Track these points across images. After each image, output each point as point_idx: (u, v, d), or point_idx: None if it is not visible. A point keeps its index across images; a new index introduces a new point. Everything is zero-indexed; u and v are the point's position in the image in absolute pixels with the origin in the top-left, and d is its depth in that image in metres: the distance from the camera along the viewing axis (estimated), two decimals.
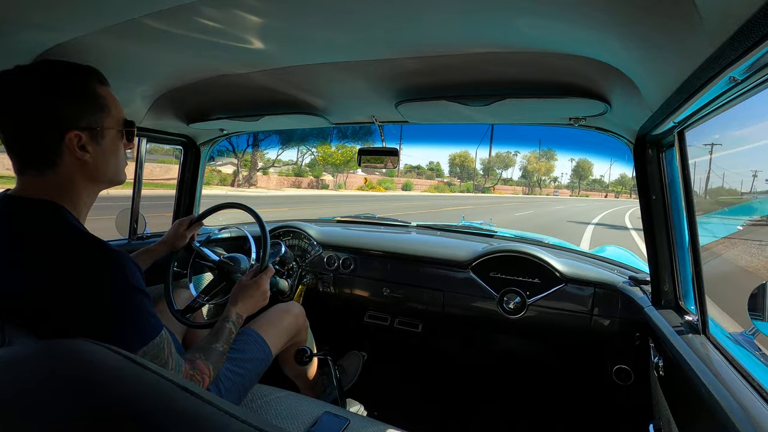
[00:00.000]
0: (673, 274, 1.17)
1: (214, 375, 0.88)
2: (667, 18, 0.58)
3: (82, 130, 0.72)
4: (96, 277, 0.67)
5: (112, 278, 0.68)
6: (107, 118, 0.76)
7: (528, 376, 1.97)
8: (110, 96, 0.77)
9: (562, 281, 1.57)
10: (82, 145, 0.72)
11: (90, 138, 0.73)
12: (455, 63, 0.94)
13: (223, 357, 0.94)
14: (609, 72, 0.85)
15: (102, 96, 0.75)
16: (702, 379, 0.78)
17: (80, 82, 0.73)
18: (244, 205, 1.41)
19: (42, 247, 0.66)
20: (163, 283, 1.36)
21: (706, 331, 0.96)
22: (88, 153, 0.73)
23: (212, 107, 1.41)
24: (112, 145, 0.78)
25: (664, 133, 1.00)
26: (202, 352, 0.89)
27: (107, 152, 0.77)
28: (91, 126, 0.73)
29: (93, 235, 0.70)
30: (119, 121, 0.79)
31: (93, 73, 0.75)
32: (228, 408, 0.35)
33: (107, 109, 0.76)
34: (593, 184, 78.62)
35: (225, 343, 0.95)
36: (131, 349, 0.68)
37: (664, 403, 1.04)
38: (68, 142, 0.70)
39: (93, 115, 0.73)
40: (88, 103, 0.73)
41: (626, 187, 79.34)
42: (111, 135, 0.77)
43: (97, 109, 0.74)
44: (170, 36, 0.83)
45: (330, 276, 2.00)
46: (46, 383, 0.34)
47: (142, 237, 1.70)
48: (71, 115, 0.71)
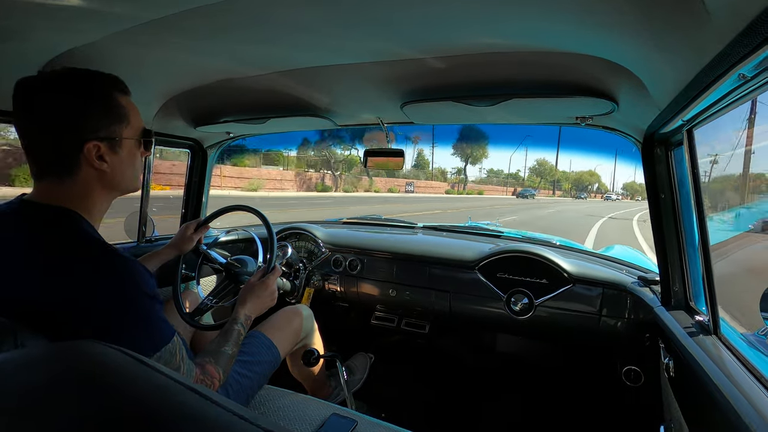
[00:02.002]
0: (683, 273, 1.15)
1: (223, 378, 0.88)
2: (674, 15, 0.57)
3: (101, 141, 0.71)
4: (109, 284, 0.67)
5: (125, 286, 0.68)
6: (126, 128, 0.76)
7: (535, 377, 1.96)
8: (131, 105, 0.77)
9: (570, 282, 1.56)
10: (101, 155, 0.72)
11: (108, 148, 0.73)
12: (461, 63, 0.94)
13: (232, 359, 0.94)
14: (616, 70, 0.84)
15: (123, 106, 0.75)
16: (714, 380, 0.77)
17: (103, 92, 0.72)
18: (251, 207, 1.42)
19: (57, 254, 0.66)
20: (172, 286, 1.37)
21: (718, 332, 0.95)
22: (106, 163, 0.73)
23: (219, 110, 1.42)
24: (130, 154, 0.78)
25: (673, 131, 1.00)
26: (212, 356, 0.90)
27: (125, 162, 0.77)
28: (111, 136, 0.73)
29: (107, 242, 0.71)
30: (138, 131, 0.79)
31: (116, 83, 0.75)
32: (236, 409, 0.35)
33: (127, 120, 0.76)
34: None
35: (234, 345, 0.96)
36: (144, 356, 0.69)
37: (675, 405, 1.02)
38: (87, 153, 0.70)
39: (113, 126, 0.73)
40: (110, 113, 0.73)
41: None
42: (129, 144, 0.77)
43: (117, 119, 0.74)
44: (178, 40, 0.84)
45: (337, 277, 2.00)
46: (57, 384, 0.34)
47: (150, 240, 1.72)
48: (92, 126, 0.71)
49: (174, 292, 1.35)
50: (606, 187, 67.01)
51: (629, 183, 76.08)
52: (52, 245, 0.67)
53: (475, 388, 1.92)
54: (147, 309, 0.70)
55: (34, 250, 0.66)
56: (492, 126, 1.53)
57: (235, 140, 1.84)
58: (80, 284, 0.65)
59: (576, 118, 1.19)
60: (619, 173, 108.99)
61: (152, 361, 0.39)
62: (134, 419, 0.32)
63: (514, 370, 2.00)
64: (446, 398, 1.88)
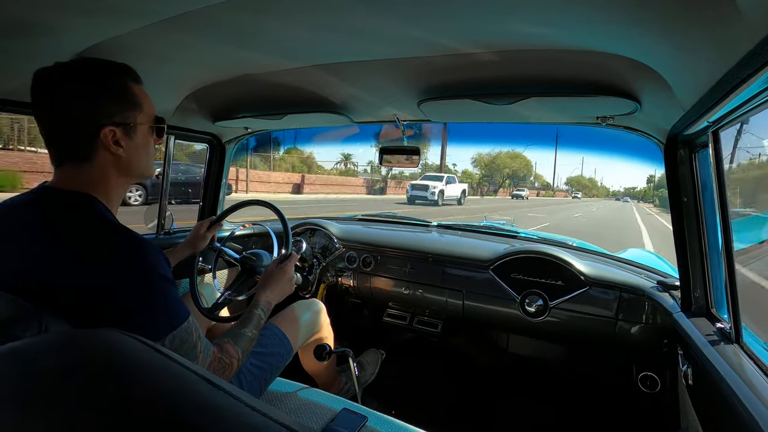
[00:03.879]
0: (704, 279, 1.12)
1: (242, 359, 0.90)
2: (702, 13, 0.56)
3: (117, 126, 0.75)
4: (127, 265, 0.69)
5: (142, 267, 0.70)
6: (140, 114, 0.79)
7: (549, 380, 1.93)
8: (143, 93, 0.80)
9: (585, 284, 1.53)
10: (117, 140, 0.75)
11: (123, 133, 0.76)
12: (479, 61, 0.93)
13: (252, 342, 0.95)
14: (639, 69, 0.82)
15: (136, 94, 0.78)
16: (734, 390, 0.74)
17: (117, 80, 0.76)
18: (263, 201, 1.45)
19: (77, 237, 0.69)
20: (189, 279, 1.40)
21: (740, 340, 0.92)
22: (121, 148, 0.76)
23: (237, 106, 1.44)
24: (144, 140, 0.81)
25: (698, 132, 0.97)
26: (231, 337, 0.91)
27: (139, 147, 0.80)
28: (125, 122, 0.76)
29: (123, 224, 0.73)
30: (151, 118, 0.82)
31: (128, 71, 0.78)
32: (248, 400, 0.36)
33: (140, 106, 0.79)
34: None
35: (254, 328, 0.97)
36: (161, 333, 0.70)
37: (693, 413, 1.00)
38: (103, 138, 0.74)
39: (127, 112, 0.76)
40: (124, 100, 0.76)
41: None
42: (143, 131, 0.80)
43: (131, 105, 0.77)
44: (199, 36, 0.85)
45: (350, 273, 2.01)
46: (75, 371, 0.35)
47: (169, 232, 1.75)
48: (107, 112, 0.74)
49: (191, 286, 1.38)
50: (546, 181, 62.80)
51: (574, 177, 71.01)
52: (72, 228, 0.69)
53: (487, 389, 1.91)
54: (164, 289, 0.72)
55: (55, 234, 0.69)
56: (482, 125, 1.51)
57: (252, 135, 1.86)
58: (99, 266, 0.67)
59: (597, 118, 1.17)
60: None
61: (168, 350, 0.40)
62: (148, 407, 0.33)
63: (526, 371, 1.98)
64: (457, 397, 1.88)
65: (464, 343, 2.09)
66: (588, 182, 75.63)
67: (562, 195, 57.04)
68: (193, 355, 0.75)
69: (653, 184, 61.35)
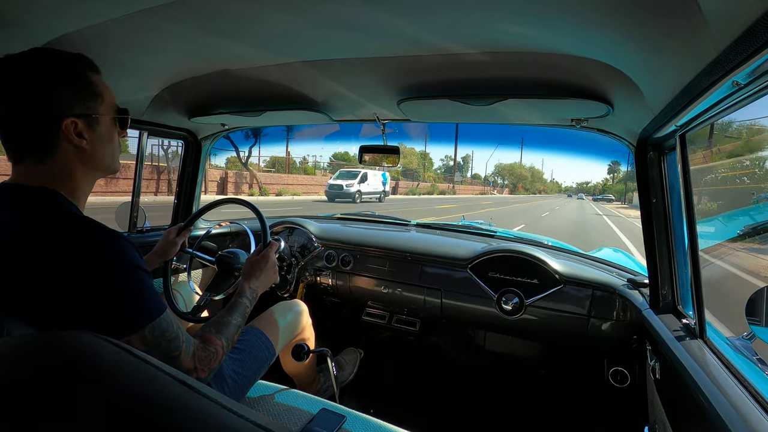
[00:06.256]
0: (671, 277, 1.17)
1: (227, 347, 0.86)
2: (671, 21, 0.58)
3: (78, 117, 0.72)
4: (98, 259, 0.67)
5: (114, 259, 0.68)
6: (101, 105, 0.76)
7: (525, 376, 1.97)
8: (102, 84, 0.78)
9: (560, 282, 1.57)
10: (79, 131, 0.73)
11: (86, 124, 0.74)
12: (458, 62, 0.94)
13: (238, 330, 0.92)
14: (612, 74, 0.85)
15: (96, 83, 0.76)
16: (698, 383, 0.78)
17: (74, 69, 0.73)
18: (238, 199, 1.43)
19: (42, 233, 0.66)
20: (163, 284, 1.36)
21: (704, 335, 0.96)
22: (84, 140, 0.74)
23: (214, 102, 1.41)
24: (108, 132, 0.79)
25: (666, 136, 1.00)
26: (214, 327, 0.88)
27: (103, 139, 0.78)
28: (87, 113, 0.74)
29: (89, 217, 0.71)
30: (113, 108, 0.80)
31: (85, 61, 0.75)
32: (225, 402, 0.35)
33: (101, 97, 0.76)
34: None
35: (240, 316, 0.94)
36: (139, 325, 0.68)
37: (660, 406, 1.04)
38: (65, 129, 0.71)
39: (88, 102, 0.74)
40: (83, 90, 0.74)
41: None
42: (106, 122, 0.78)
43: (91, 96, 0.74)
44: (173, 29, 0.83)
45: (329, 272, 2.00)
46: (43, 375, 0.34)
47: (142, 230, 1.70)
48: (67, 103, 0.71)
49: (165, 290, 1.34)
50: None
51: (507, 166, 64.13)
52: (37, 225, 0.66)
53: (464, 386, 1.94)
54: (138, 280, 0.70)
55: (18, 232, 0.66)
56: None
57: (230, 132, 1.83)
58: (69, 262, 0.65)
59: (571, 120, 1.20)
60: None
61: (141, 352, 0.38)
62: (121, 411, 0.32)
63: (503, 368, 2.02)
64: (435, 395, 1.90)
65: (442, 341, 2.11)
66: (527, 173, 67.18)
67: (476, 191, 49.54)
68: (177, 345, 0.73)
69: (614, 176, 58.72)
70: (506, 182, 65.61)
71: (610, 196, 55.52)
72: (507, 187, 64.69)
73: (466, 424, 1.73)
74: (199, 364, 0.77)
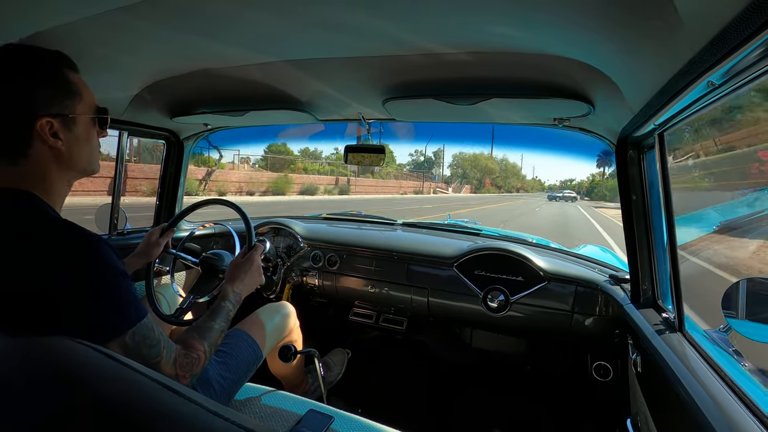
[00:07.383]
0: (651, 273, 1.20)
1: (210, 352, 0.85)
2: (649, 22, 0.59)
3: (54, 117, 0.69)
4: (78, 263, 0.65)
5: (94, 263, 0.66)
6: (79, 104, 0.74)
7: (510, 372, 2.00)
8: (81, 82, 0.75)
9: (544, 279, 1.60)
10: (54, 132, 0.70)
11: (62, 124, 0.71)
12: (442, 62, 0.94)
13: (221, 335, 0.91)
14: (592, 74, 0.87)
15: (73, 82, 0.73)
16: (677, 375, 0.80)
17: (50, 67, 0.70)
18: (222, 200, 1.41)
19: (14, 235, 0.64)
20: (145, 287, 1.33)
21: (683, 329, 0.99)
22: (60, 140, 0.71)
23: (196, 101, 1.38)
24: (86, 132, 0.76)
25: (645, 135, 1.03)
26: (196, 332, 0.87)
27: (81, 140, 0.75)
28: (63, 113, 0.71)
29: (67, 220, 0.68)
30: (92, 108, 0.77)
31: (62, 58, 0.73)
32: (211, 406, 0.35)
33: (79, 96, 0.73)
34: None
35: (223, 321, 0.93)
36: (119, 331, 0.66)
37: (642, 399, 1.06)
38: (39, 129, 0.68)
39: (64, 101, 0.71)
40: (59, 88, 0.71)
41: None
42: (84, 122, 0.75)
43: (68, 95, 0.72)
44: (150, 27, 0.81)
45: (315, 273, 1.99)
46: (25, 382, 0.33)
47: (122, 233, 1.66)
48: (42, 101, 0.68)
49: (147, 293, 1.31)
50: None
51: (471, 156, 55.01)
52: (12, 228, 0.64)
53: (451, 384, 1.95)
54: (119, 285, 0.68)
55: None
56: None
57: (213, 132, 1.80)
58: (47, 267, 0.63)
59: (554, 119, 1.22)
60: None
61: (124, 358, 0.38)
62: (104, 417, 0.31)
63: (490, 365, 2.04)
64: (422, 393, 1.90)
65: (429, 339, 2.12)
66: (495, 165, 57.77)
67: (407, 188, 35.77)
68: (157, 351, 0.72)
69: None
70: (463, 176, 56.81)
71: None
72: (471, 183, 56.48)
73: (453, 421, 1.74)
74: (180, 370, 0.76)
